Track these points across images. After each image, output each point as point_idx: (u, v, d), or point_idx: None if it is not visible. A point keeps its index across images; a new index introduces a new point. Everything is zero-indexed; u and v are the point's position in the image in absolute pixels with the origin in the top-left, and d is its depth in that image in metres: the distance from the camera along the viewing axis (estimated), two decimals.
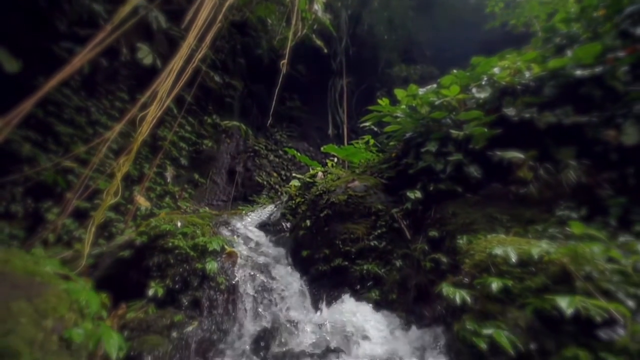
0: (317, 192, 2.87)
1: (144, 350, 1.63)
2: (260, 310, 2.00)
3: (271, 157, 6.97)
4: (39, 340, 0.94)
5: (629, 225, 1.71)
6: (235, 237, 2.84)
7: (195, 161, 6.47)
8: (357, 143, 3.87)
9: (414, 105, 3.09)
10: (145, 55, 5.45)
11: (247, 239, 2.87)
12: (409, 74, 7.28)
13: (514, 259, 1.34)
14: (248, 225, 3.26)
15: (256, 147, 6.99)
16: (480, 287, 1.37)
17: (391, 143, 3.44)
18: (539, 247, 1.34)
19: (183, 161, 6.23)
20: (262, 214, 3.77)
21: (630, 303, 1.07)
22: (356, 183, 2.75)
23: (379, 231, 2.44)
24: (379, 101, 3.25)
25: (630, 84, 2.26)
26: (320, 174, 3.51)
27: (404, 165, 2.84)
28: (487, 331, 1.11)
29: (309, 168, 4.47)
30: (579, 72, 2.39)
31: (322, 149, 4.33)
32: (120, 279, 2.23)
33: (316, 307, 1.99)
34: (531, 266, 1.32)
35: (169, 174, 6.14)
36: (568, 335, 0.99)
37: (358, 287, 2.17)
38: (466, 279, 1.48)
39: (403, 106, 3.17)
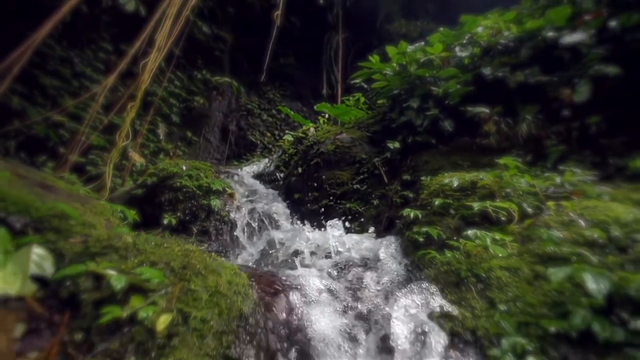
0: (308, 143, 3.27)
1: None
2: (259, 236, 2.53)
3: (264, 117, 7.18)
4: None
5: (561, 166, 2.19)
6: (233, 183, 3.29)
7: (187, 119, 6.67)
8: (348, 100, 4.17)
9: (403, 63, 3.36)
10: (127, 0, 5.32)
11: (244, 185, 3.32)
12: (408, 31, 7.24)
13: (455, 184, 1.82)
14: (244, 175, 3.69)
15: (249, 106, 7.15)
16: (429, 207, 1.87)
17: (379, 101, 3.76)
18: (475, 175, 1.81)
19: (174, 118, 6.43)
20: (256, 167, 4.19)
21: (530, 210, 1.57)
22: (344, 135, 3.14)
23: (362, 177, 2.90)
24: (370, 58, 3.49)
25: (593, 47, 2.58)
26: (312, 129, 3.87)
27: (388, 120, 3.21)
28: (425, 229, 1.62)
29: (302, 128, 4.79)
30: (550, 34, 2.68)
31: (315, 107, 4.61)
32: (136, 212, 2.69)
33: (305, 232, 2.53)
34: (468, 190, 1.80)
35: (161, 131, 6.38)
36: (473, 224, 1.50)
37: (341, 220, 2.69)
38: (421, 203, 1.97)
39: (393, 64, 3.43)
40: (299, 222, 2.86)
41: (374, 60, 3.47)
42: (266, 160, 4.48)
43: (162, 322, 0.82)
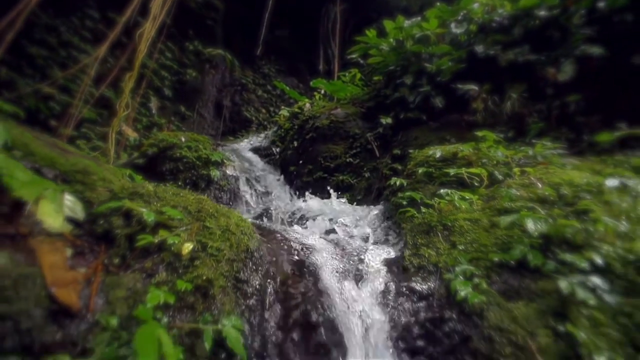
0: (304, 118, 3.41)
1: None
2: (256, 203, 2.75)
3: (259, 92, 7.19)
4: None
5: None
6: (231, 155, 3.45)
7: (179, 92, 6.66)
8: (345, 76, 4.26)
9: (400, 38, 3.44)
10: None
11: (242, 158, 3.49)
12: (409, 4, 7.13)
13: (438, 155, 2.03)
14: (242, 149, 3.85)
15: (243, 81, 7.13)
16: (414, 176, 2.09)
17: (375, 77, 3.86)
18: (456, 147, 2.02)
19: (167, 92, 6.42)
20: (253, 142, 4.33)
21: (500, 176, 1.80)
22: (339, 110, 3.29)
23: (355, 151, 3.10)
24: (367, 32, 3.56)
25: (581, 27, 2.72)
26: (307, 105, 3.99)
27: (383, 97, 3.36)
28: (409, 194, 1.85)
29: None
30: (542, 13, 2.80)
31: (311, 83, 4.69)
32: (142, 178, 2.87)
33: (299, 201, 2.76)
34: (449, 160, 2.02)
35: (154, 104, 6.38)
36: (451, 189, 1.73)
37: (334, 191, 2.91)
38: (407, 173, 2.19)
39: (390, 39, 3.51)
40: (294, 193, 3.08)
41: (370, 35, 3.54)
42: (262, 136, 4.62)
43: (186, 248, 1.04)
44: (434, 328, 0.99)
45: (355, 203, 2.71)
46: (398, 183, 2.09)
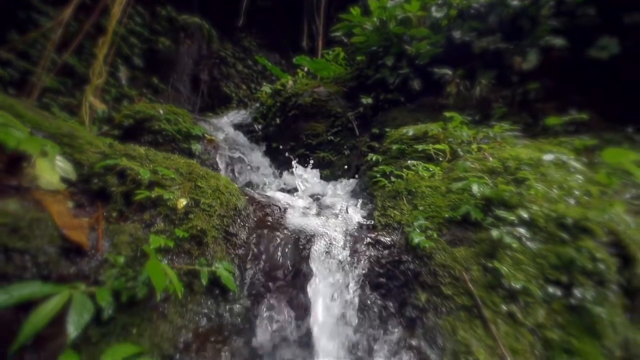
0: (287, 95, 3.52)
1: None
2: (238, 178, 2.89)
3: (239, 67, 7.05)
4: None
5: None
6: (212, 130, 3.51)
7: (151, 62, 6.38)
8: (328, 55, 4.35)
9: (384, 18, 3.57)
10: None
11: (223, 133, 3.56)
12: None
13: (411, 133, 2.27)
14: (223, 125, 3.90)
15: (222, 54, 6.94)
16: (389, 152, 2.32)
17: (358, 57, 3.99)
18: (426, 126, 2.26)
19: (137, 61, 6.13)
20: (234, 118, 4.37)
21: (461, 152, 2.07)
22: (321, 89, 3.43)
23: (336, 129, 3.28)
24: (351, 10, 3.64)
25: (549, 19, 3.01)
26: (290, 82, 4.06)
27: (364, 77, 3.53)
28: (382, 167, 2.08)
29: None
30: (515, 3, 3.04)
31: (294, 60, 4.72)
32: None
33: (280, 176, 2.93)
34: (420, 138, 2.27)
35: (123, 74, 6.10)
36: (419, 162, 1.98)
37: (315, 168, 3.11)
38: (383, 150, 2.42)
39: (374, 18, 3.62)
40: (276, 169, 3.24)
41: (355, 13, 3.63)
42: (243, 112, 4.65)
43: (181, 203, 1.20)
44: (393, 268, 1.25)
45: (335, 178, 2.93)
46: (374, 159, 2.32)
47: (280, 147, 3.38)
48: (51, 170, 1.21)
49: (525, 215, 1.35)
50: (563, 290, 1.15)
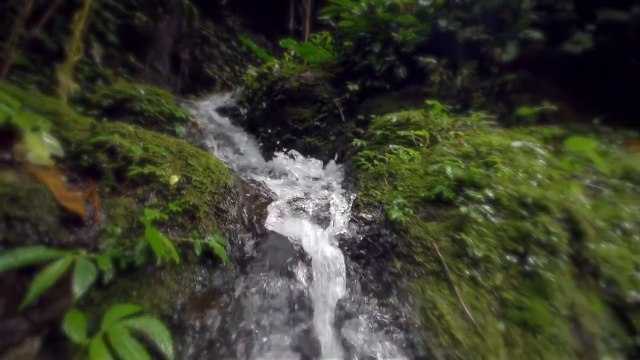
0: (273, 79, 3.55)
1: None
2: (225, 161, 2.94)
3: (223, 48, 6.90)
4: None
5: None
6: (196, 114, 3.51)
7: (127, 39, 6.11)
8: (315, 39, 4.37)
9: (372, 3, 3.63)
10: None
11: (207, 116, 3.57)
12: None
13: (394, 120, 2.41)
14: (206, 108, 3.89)
15: (204, 33, 6.75)
16: (373, 138, 2.46)
17: (345, 42, 4.05)
18: (408, 113, 2.41)
19: (111, 37, 5.86)
20: (218, 101, 4.35)
21: (440, 138, 2.23)
22: (308, 74, 3.48)
23: (322, 115, 3.37)
24: None
25: (529, 12, 3.19)
26: (276, 65, 4.08)
27: (351, 63, 3.61)
28: (366, 152, 2.21)
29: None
30: None
31: (281, 43, 4.70)
32: None
33: (267, 160, 3.02)
34: (403, 124, 2.41)
35: (96, 51, 5.83)
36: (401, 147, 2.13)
37: (301, 153, 3.21)
38: (367, 135, 2.55)
39: (362, 3, 3.68)
40: (263, 153, 3.31)
41: None
42: (227, 96, 4.64)
43: (173, 179, 1.28)
44: (373, 241, 1.40)
45: (321, 163, 3.05)
46: (359, 144, 2.45)
47: (267, 131, 3.44)
48: (41, 146, 1.25)
49: (491, 194, 1.53)
50: (519, 258, 1.35)
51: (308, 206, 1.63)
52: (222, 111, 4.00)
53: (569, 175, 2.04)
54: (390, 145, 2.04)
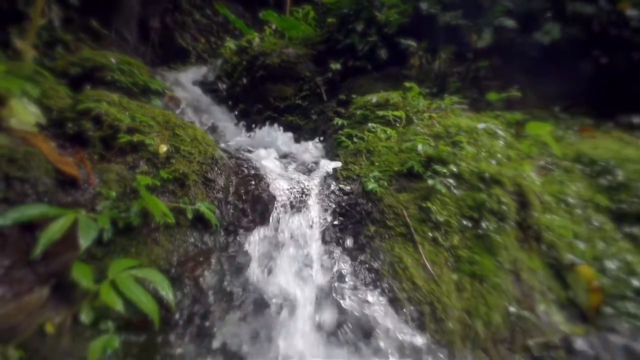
0: (254, 54, 3.58)
1: None
2: None
3: (197, 16, 6.62)
4: None
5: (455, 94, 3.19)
6: (173, 87, 3.48)
7: (89, 2, 5.70)
8: (297, 13, 4.37)
9: None
10: None
11: (185, 90, 3.55)
12: None
13: (374, 100, 2.59)
14: (183, 81, 3.85)
15: None
16: (354, 117, 2.64)
17: (329, 19, 4.11)
18: (388, 94, 2.60)
19: None
20: (194, 74, 4.29)
21: (415, 119, 2.46)
22: (290, 50, 3.54)
23: (304, 93, 3.48)
24: None
25: (505, 0, 3.43)
26: (257, 39, 4.07)
27: (334, 41, 3.70)
28: (347, 131, 2.39)
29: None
30: None
31: (261, 15, 4.63)
32: None
33: (249, 137, 3.12)
34: (382, 105, 2.61)
35: (55, 14, 5.40)
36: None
37: (284, 132, 3.32)
38: (348, 115, 2.73)
39: None
40: (245, 130, 3.39)
41: None
42: (204, 69, 4.57)
43: (162, 148, 1.39)
44: (351, 209, 1.61)
45: (303, 141, 3.20)
46: (340, 123, 2.62)
47: (248, 108, 3.51)
48: (25, 112, 1.30)
49: (455, 169, 1.78)
50: (474, 223, 1.63)
51: (292, 179, 1.81)
52: (200, 85, 3.97)
53: (525, 156, 2.36)
54: (370, 124, 2.23)
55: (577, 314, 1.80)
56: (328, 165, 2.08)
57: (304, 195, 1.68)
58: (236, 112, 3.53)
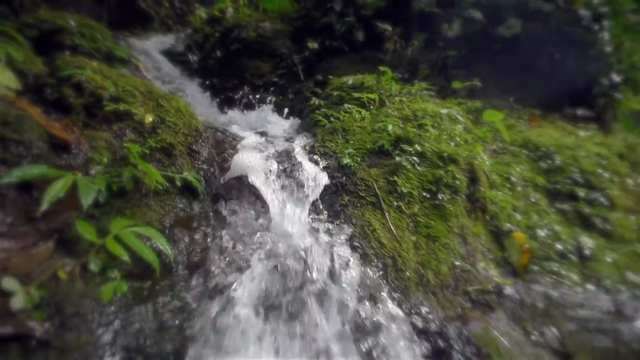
0: (228, 25, 3.61)
1: None
2: None
3: None
4: None
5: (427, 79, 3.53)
6: (139, 55, 3.42)
7: None
8: None
9: None
10: None
11: (153, 61, 3.51)
12: None
13: (350, 82, 2.84)
14: (148, 50, 3.77)
15: None
16: (330, 98, 2.87)
17: None
18: (362, 77, 2.86)
19: None
20: (160, 43, 4.19)
21: (387, 102, 2.75)
22: (267, 24, 3.62)
23: (281, 71, 3.62)
24: None
25: None
26: (230, 9, 4.06)
27: (312, 19, 3.83)
28: (324, 110, 2.62)
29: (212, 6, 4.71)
30: None
31: None
32: None
33: (224, 114, 3.22)
34: (357, 87, 2.86)
35: None
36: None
37: (260, 110, 3.46)
38: (325, 95, 2.95)
39: None
40: (219, 107, 3.47)
41: None
42: (171, 37, 4.46)
43: (148, 118, 1.53)
44: (327, 181, 1.88)
45: (279, 119, 3.37)
46: (317, 103, 2.84)
47: (223, 83, 3.57)
48: (3, 76, 1.37)
49: (419, 149, 2.12)
50: (432, 195, 1.98)
51: (271, 153, 2.02)
52: (167, 55, 3.91)
53: (480, 140, 2.77)
54: (346, 105, 2.48)
55: (510, 270, 2.28)
56: (305, 142, 2.32)
57: (284, 167, 1.91)
58: (210, 87, 3.58)
